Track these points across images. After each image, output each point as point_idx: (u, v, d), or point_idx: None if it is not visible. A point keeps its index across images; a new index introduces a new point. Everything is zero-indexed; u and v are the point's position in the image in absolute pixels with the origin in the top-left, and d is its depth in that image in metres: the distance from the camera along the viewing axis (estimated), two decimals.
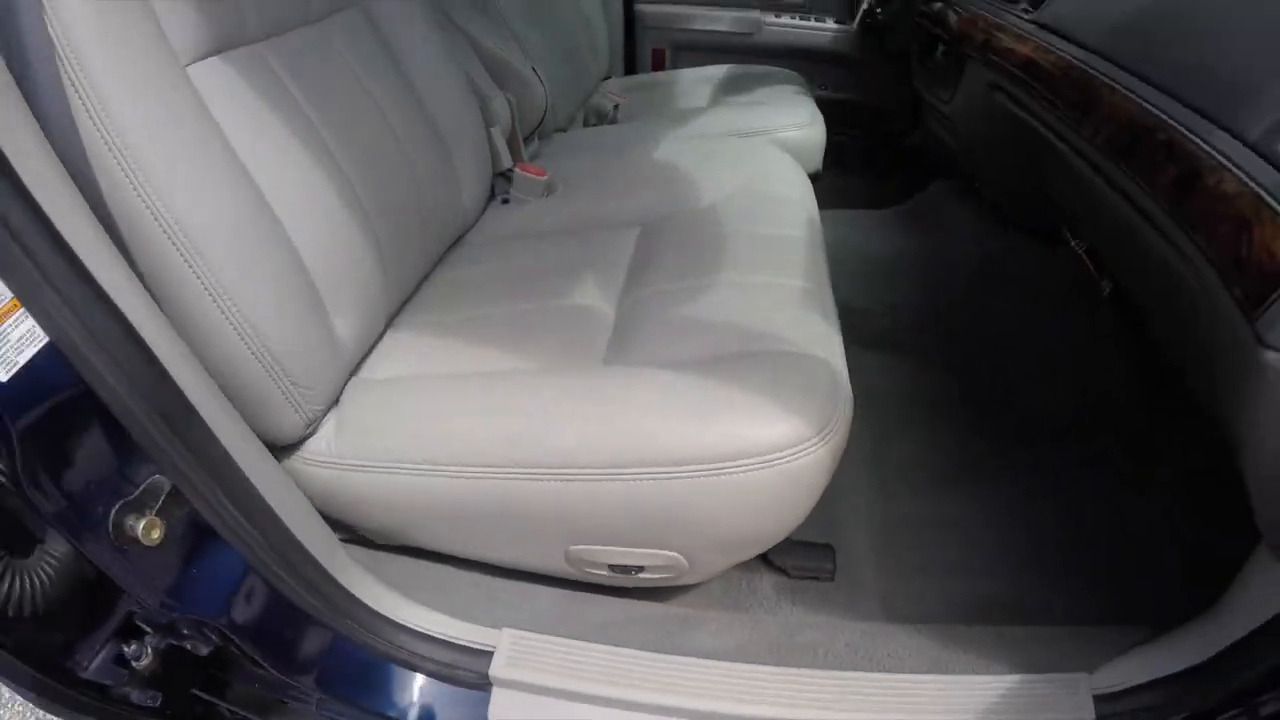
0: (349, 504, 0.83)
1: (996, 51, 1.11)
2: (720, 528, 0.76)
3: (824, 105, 1.96)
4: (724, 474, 0.70)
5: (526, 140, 1.52)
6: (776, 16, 2.22)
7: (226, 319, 0.71)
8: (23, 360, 0.50)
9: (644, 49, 2.36)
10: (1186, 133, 0.69)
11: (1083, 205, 0.95)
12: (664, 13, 2.30)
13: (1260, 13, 0.73)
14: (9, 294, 0.50)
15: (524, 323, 0.93)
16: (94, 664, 0.66)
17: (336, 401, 0.85)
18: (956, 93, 1.34)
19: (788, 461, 0.70)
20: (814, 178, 1.40)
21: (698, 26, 2.29)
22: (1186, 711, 0.70)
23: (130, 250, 0.67)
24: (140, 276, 0.66)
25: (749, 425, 0.71)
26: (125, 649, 0.68)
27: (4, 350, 0.49)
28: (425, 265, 1.10)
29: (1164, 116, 0.73)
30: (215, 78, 0.78)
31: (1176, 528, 0.98)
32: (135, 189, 0.65)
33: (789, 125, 1.50)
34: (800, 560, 0.95)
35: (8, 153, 0.53)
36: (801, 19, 2.20)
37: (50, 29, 0.61)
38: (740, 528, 0.77)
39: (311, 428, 0.82)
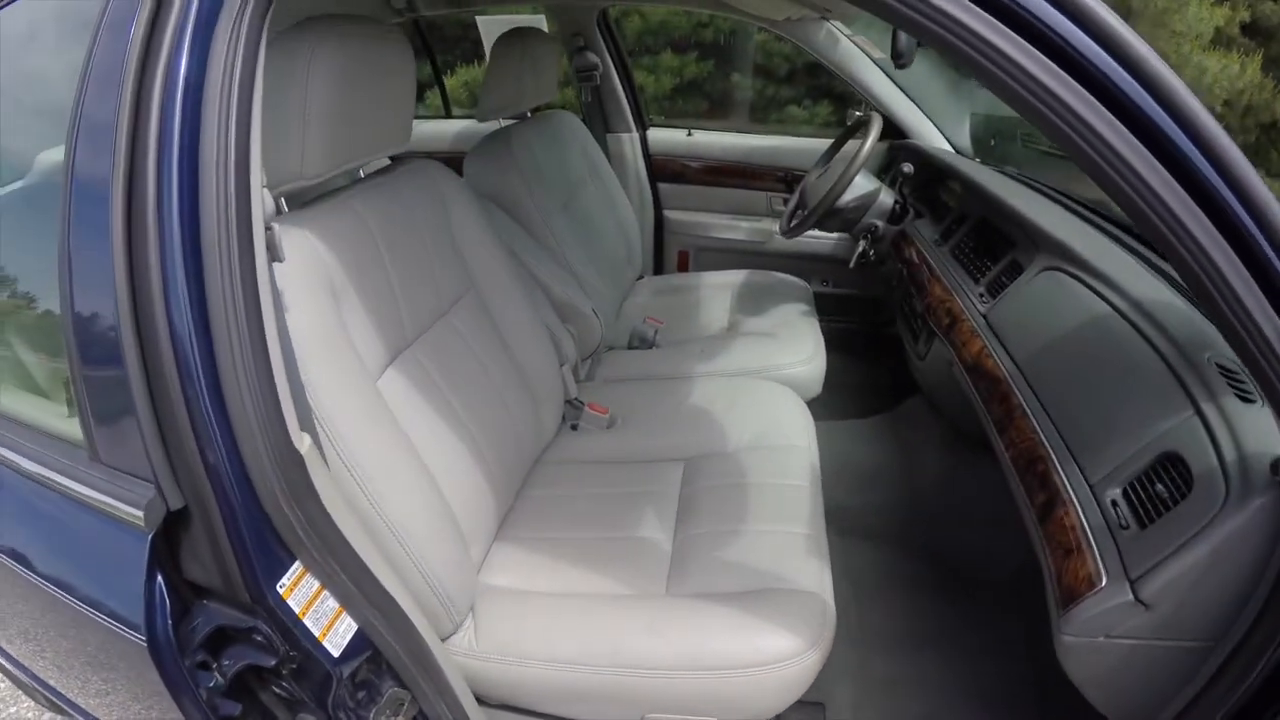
0: (483, 683, 1.20)
1: (955, 341, 1.56)
2: (749, 704, 1.15)
3: (823, 298, 2.46)
4: (751, 675, 1.11)
5: (583, 361, 1.97)
6: None
7: (414, 564, 1.09)
8: (345, 642, 0.90)
9: (671, 251, 2.87)
10: (1056, 465, 1.11)
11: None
12: (690, 220, 2.83)
13: (1111, 386, 1.16)
14: (336, 604, 0.90)
15: (604, 551, 1.34)
16: None
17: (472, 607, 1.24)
18: (928, 355, 1.80)
19: (792, 665, 1.11)
20: (812, 399, 1.87)
21: (717, 234, 2.80)
22: None
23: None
24: None
25: (767, 642, 1.12)
26: None
27: (337, 639, 0.89)
28: (518, 486, 1.52)
29: (1048, 448, 1.15)
30: (392, 387, 1.21)
31: None
32: (369, 500, 1.05)
33: (796, 363, 1.94)
34: (799, 716, 1.35)
35: (328, 506, 0.92)
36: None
37: (310, 398, 1.00)
38: (763, 704, 1.16)
39: (455, 629, 1.20)
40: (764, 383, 1.85)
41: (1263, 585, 0.87)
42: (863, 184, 2.07)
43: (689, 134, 2.78)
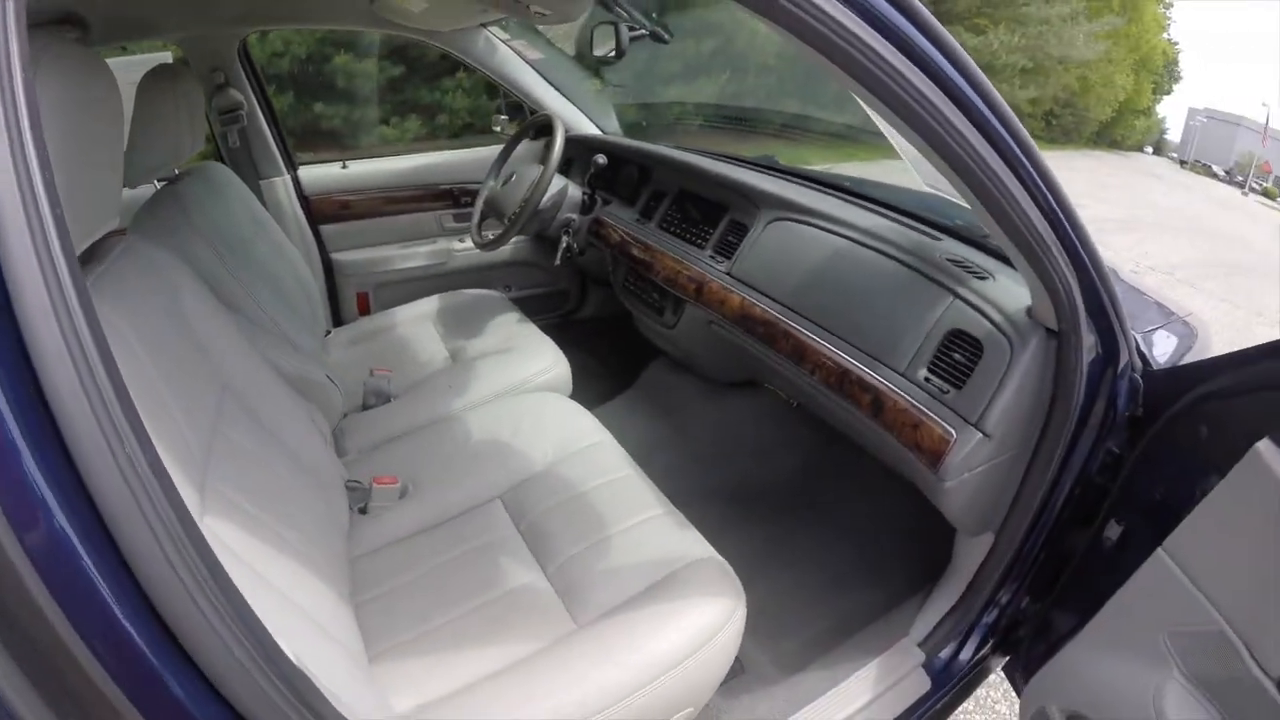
0: None
1: (709, 302, 1.77)
2: (710, 677, 1.23)
3: (515, 303, 2.55)
4: (703, 654, 1.18)
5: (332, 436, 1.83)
6: (462, 241, 2.78)
7: None
8: None
9: (346, 296, 2.72)
10: (866, 370, 1.36)
11: (800, 397, 1.63)
12: (362, 259, 2.70)
13: (878, 297, 1.43)
14: None
15: (489, 616, 1.27)
16: None
17: None
18: (680, 321, 2.01)
19: (730, 627, 1.21)
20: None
21: (395, 266, 2.72)
22: (965, 626, 1.36)
23: None
24: None
25: (698, 619, 1.20)
26: None
27: None
28: (348, 588, 1.36)
29: (851, 361, 1.39)
30: (219, 537, 0.98)
31: (914, 527, 1.69)
32: None
33: (545, 370, 2.01)
34: None
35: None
36: None
37: None
38: (719, 671, 1.24)
39: None
40: (533, 395, 1.89)
41: (1043, 398, 1.19)
42: (554, 182, 2.21)
43: (344, 166, 2.67)
